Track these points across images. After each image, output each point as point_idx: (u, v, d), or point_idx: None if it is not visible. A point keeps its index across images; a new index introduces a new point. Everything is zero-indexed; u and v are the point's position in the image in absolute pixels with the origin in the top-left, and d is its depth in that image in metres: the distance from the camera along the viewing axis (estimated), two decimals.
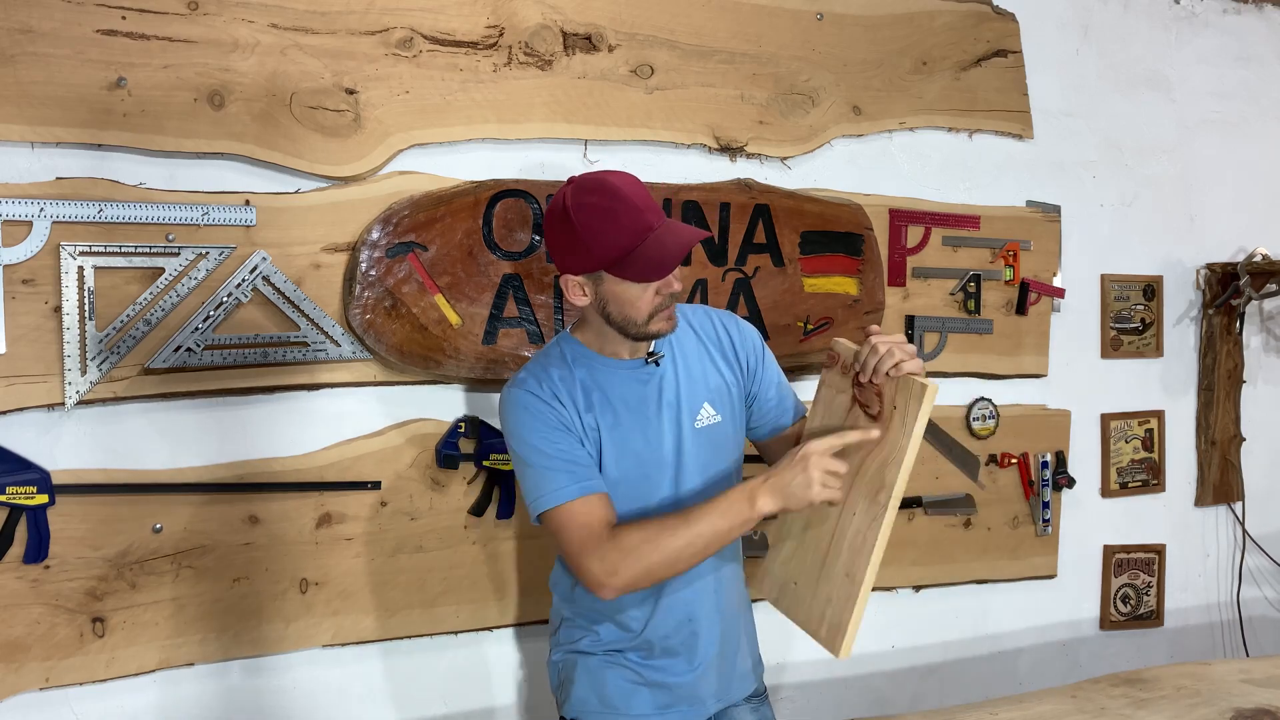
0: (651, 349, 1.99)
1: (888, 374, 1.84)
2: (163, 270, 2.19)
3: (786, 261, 2.72)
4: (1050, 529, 3.19)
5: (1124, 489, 3.37)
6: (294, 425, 2.35)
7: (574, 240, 1.83)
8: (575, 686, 2.05)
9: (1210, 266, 3.45)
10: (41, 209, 2.08)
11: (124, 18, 2.14)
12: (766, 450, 2.17)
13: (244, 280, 2.25)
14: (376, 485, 2.40)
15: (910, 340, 2.95)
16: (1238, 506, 3.57)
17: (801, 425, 2.14)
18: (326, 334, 2.33)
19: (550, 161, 2.55)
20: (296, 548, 2.35)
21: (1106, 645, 3.38)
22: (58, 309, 2.11)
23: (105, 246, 2.13)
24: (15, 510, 2.10)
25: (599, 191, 1.82)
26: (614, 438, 1.94)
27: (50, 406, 2.13)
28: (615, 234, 1.80)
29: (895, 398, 1.83)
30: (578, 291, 1.90)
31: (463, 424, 2.46)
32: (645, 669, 2.03)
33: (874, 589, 2.96)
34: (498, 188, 2.44)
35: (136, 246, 2.16)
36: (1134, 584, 3.40)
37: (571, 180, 1.87)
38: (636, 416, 1.96)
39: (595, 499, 1.87)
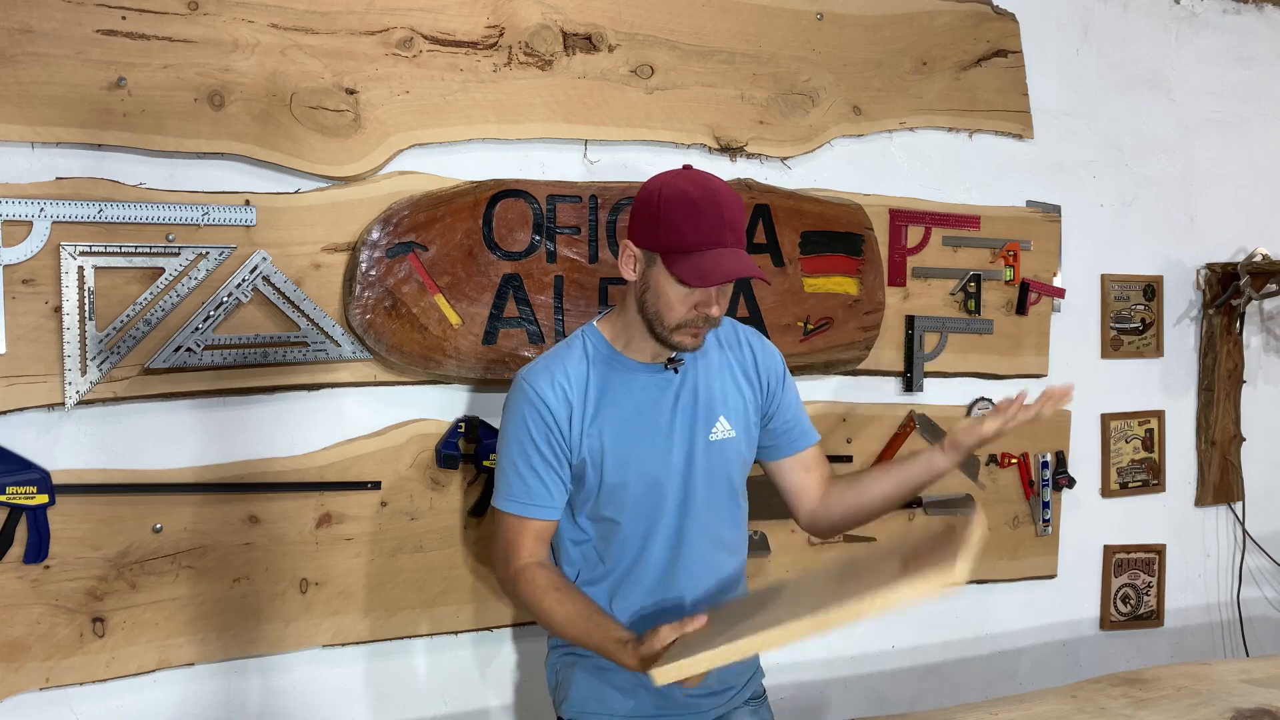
0: (673, 355, 1.99)
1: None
2: (163, 270, 2.19)
3: (787, 261, 2.72)
4: (1050, 529, 3.19)
5: (1124, 489, 3.37)
6: (294, 425, 2.35)
7: (652, 213, 1.87)
8: (573, 688, 2.06)
9: (1210, 266, 3.45)
10: (41, 209, 2.08)
11: (124, 18, 2.14)
12: (773, 472, 2.16)
13: (244, 280, 2.25)
14: (376, 485, 2.40)
15: (910, 340, 2.95)
16: (1238, 506, 3.57)
17: (813, 452, 2.14)
18: (326, 334, 2.33)
19: (550, 161, 2.55)
20: (296, 548, 2.35)
21: (1106, 645, 3.38)
22: (58, 309, 2.11)
23: (105, 246, 2.13)
24: (15, 510, 2.10)
25: (701, 189, 1.86)
26: (618, 443, 1.95)
27: (50, 406, 2.13)
28: (688, 228, 1.84)
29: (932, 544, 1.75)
30: (630, 263, 1.92)
31: (463, 424, 2.46)
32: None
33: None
34: (498, 188, 2.44)
35: (136, 246, 2.16)
36: (1134, 584, 3.40)
37: (688, 167, 1.93)
38: (647, 422, 1.97)
39: (537, 525, 1.95)
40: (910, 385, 2.97)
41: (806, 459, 2.15)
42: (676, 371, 2.00)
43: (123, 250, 2.15)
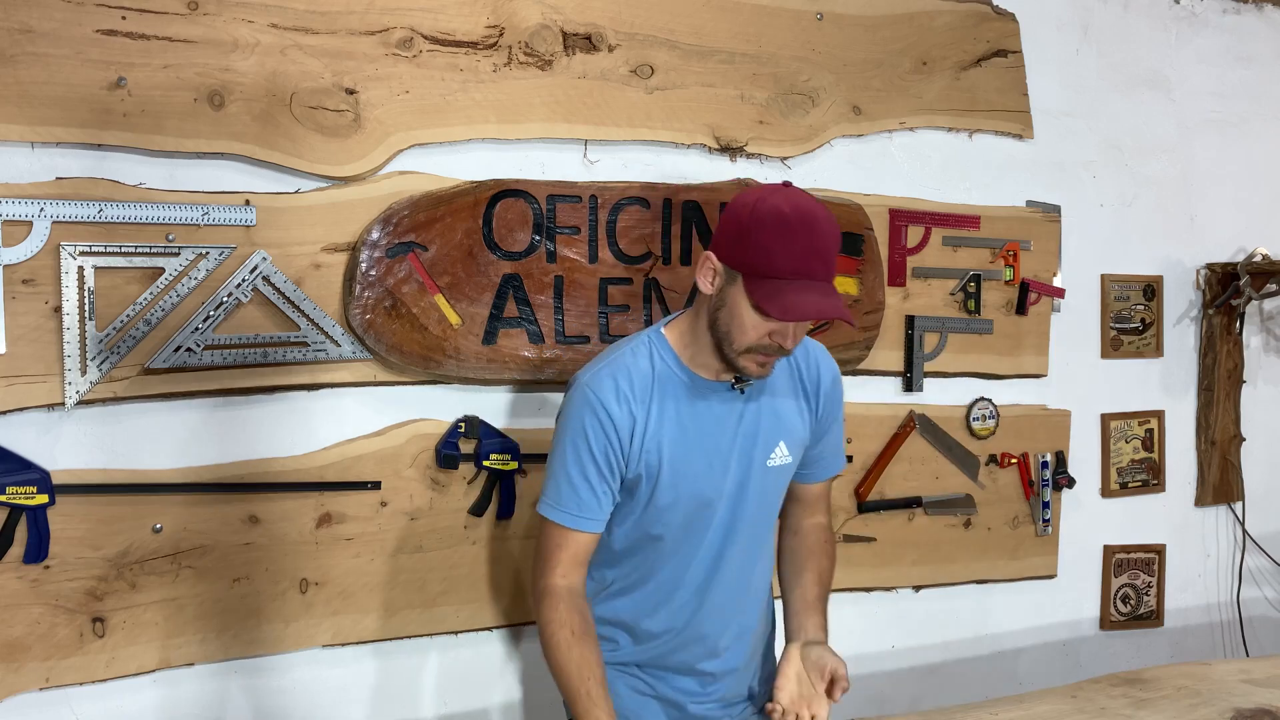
0: (739, 376, 1.90)
1: None
2: (163, 270, 2.19)
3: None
4: (1050, 529, 3.19)
5: (1124, 489, 3.37)
6: (294, 425, 2.35)
7: (742, 228, 1.76)
8: None
9: (1210, 266, 3.45)
10: (41, 209, 2.08)
11: (124, 18, 2.14)
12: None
13: (244, 280, 2.25)
14: (376, 485, 2.40)
15: (910, 340, 2.95)
16: (1238, 506, 3.57)
17: (819, 487, 2.10)
18: (326, 334, 2.33)
19: (550, 161, 2.55)
20: (296, 548, 2.34)
21: (1106, 645, 3.38)
22: (58, 309, 2.11)
23: (105, 246, 2.13)
24: (15, 510, 2.10)
25: (798, 211, 1.75)
26: (676, 461, 1.88)
27: (50, 406, 2.13)
28: (777, 252, 1.73)
29: None
30: (709, 274, 1.82)
31: (462, 424, 2.46)
32: (658, 683, 2.02)
33: (874, 589, 2.99)
34: (498, 188, 2.44)
35: (136, 246, 2.16)
36: (1134, 584, 3.40)
37: (788, 184, 1.83)
38: (707, 442, 1.90)
39: (581, 539, 1.89)
40: (910, 385, 2.97)
41: (811, 490, 2.10)
42: (742, 392, 1.92)
43: (123, 250, 2.15)
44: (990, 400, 3.08)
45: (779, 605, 2.12)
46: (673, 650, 2.01)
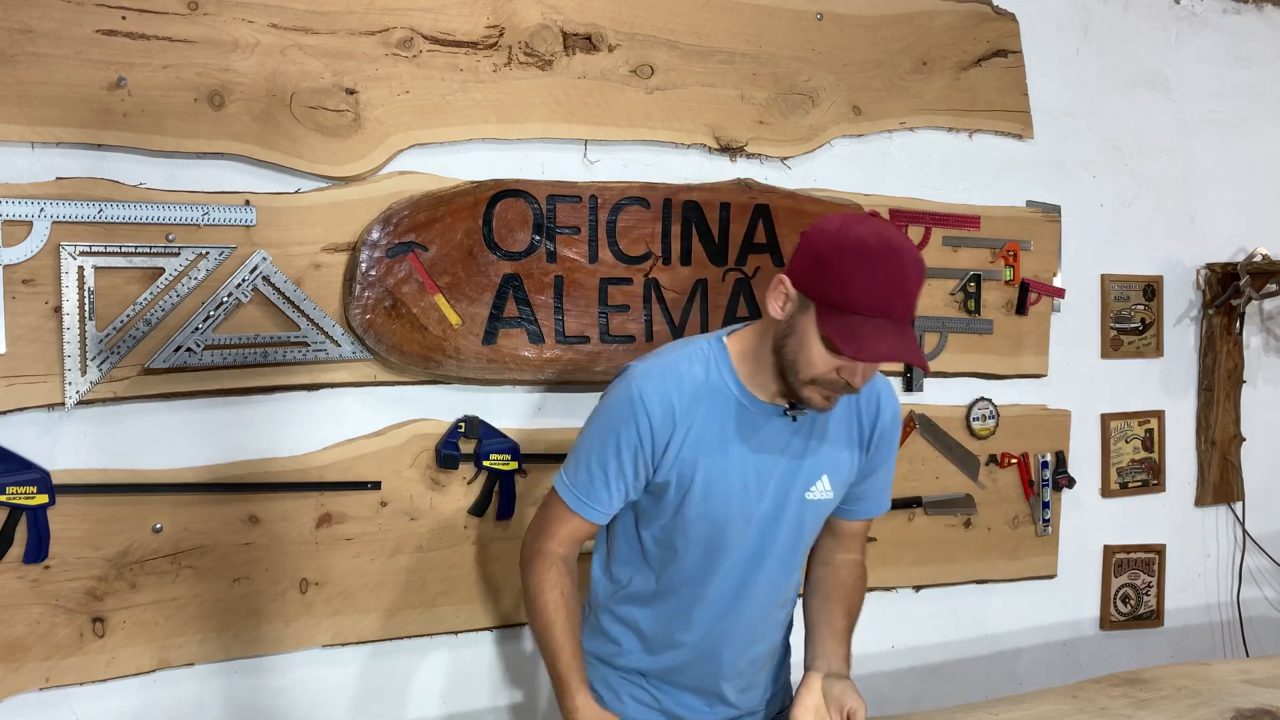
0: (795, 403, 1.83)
1: None
2: (163, 270, 2.19)
3: (786, 261, 2.72)
4: (1050, 529, 3.19)
5: (1124, 489, 3.37)
6: (294, 425, 2.35)
7: (820, 256, 1.68)
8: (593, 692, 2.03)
9: (1210, 266, 3.45)
10: (41, 209, 2.08)
11: (124, 18, 2.14)
12: None
13: (244, 280, 2.25)
14: (376, 485, 2.40)
15: None
16: (1238, 506, 3.57)
17: (862, 525, 2.05)
18: (326, 334, 2.33)
19: (550, 161, 2.55)
20: (296, 548, 2.34)
21: (1106, 645, 3.38)
22: (58, 309, 2.11)
23: (105, 246, 2.13)
24: (15, 510, 2.10)
25: (883, 245, 1.65)
26: (709, 477, 1.82)
27: (50, 406, 2.13)
28: (855, 286, 1.64)
29: None
30: (780, 298, 1.74)
31: (462, 424, 2.46)
32: (664, 697, 2.00)
33: (874, 589, 2.99)
34: (498, 188, 2.44)
35: (136, 246, 2.16)
36: (1134, 584, 3.40)
37: (875, 214, 1.74)
38: (747, 463, 1.83)
39: (583, 524, 1.90)
40: (910, 385, 2.97)
41: (849, 526, 2.03)
42: (795, 420, 1.85)
43: (123, 250, 2.15)
44: (990, 400, 3.08)
45: (797, 616, 2.09)
46: (684, 667, 1.97)
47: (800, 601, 2.07)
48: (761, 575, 1.91)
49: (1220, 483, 3.51)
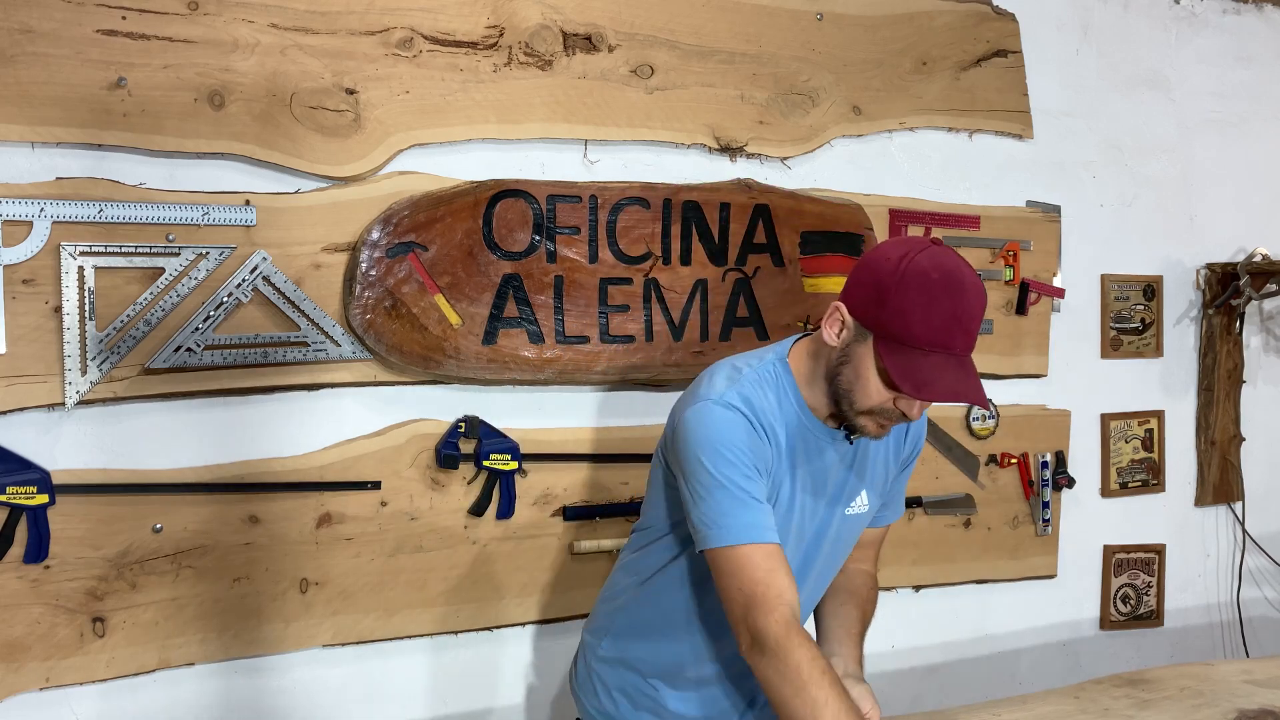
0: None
1: None
2: (163, 270, 2.19)
3: (787, 261, 2.72)
4: (1050, 529, 3.19)
5: (1124, 489, 3.37)
6: (294, 425, 2.35)
7: (880, 287, 1.63)
8: (605, 696, 2.01)
9: (1210, 266, 3.45)
10: (41, 209, 2.07)
11: (124, 18, 2.14)
12: None
13: (244, 280, 2.24)
14: (376, 485, 2.40)
15: None
16: (1238, 506, 3.57)
17: (880, 532, 2.04)
18: (326, 334, 2.33)
19: (550, 161, 2.55)
20: (296, 548, 2.34)
21: (1106, 645, 3.38)
22: (58, 309, 2.11)
23: (105, 246, 2.13)
24: (15, 510, 2.10)
25: (945, 277, 1.61)
26: (781, 504, 1.78)
27: (50, 406, 2.13)
28: (918, 319, 1.60)
29: None
30: (837, 326, 1.70)
31: (462, 424, 2.46)
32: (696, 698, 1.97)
33: None
34: (498, 188, 2.44)
35: (137, 246, 2.16)
36: (1134, 584, 3.40)
37: (939, 243, 1.68)
38: (807, 486, 1.81)
39: (779, 550, 1.67)
40: None
41: (867, 534, 2.01)
42: (851, 444, 1.84)
43: (123, 250, 2.15)
44: (990, 400, 3.08)
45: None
46: (719, 695, 1.94)
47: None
48: (803, 594, 1.87)
49: (1220, 483, 3.51)
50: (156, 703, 2.27)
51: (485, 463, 2.47)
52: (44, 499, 2.10)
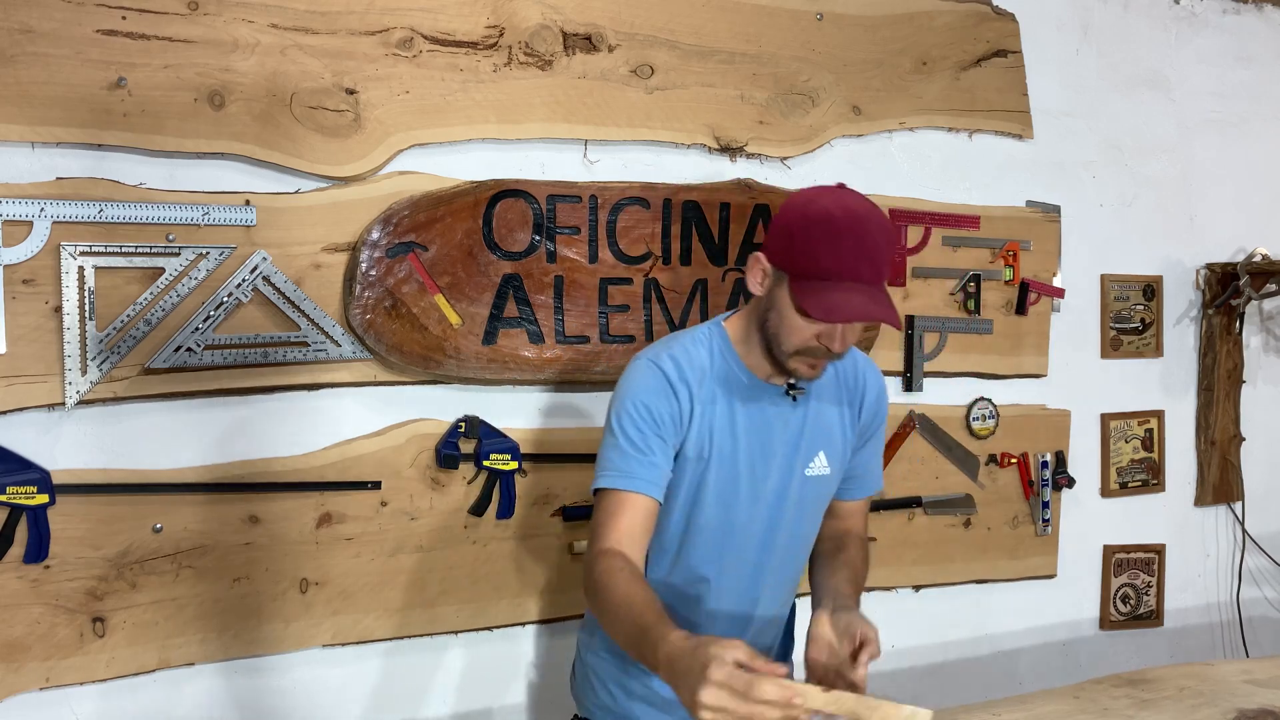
0: (794, 382, 1.89)
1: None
2: (163, 270, 2.19)
3: None
4: (1050, 529, 3.19)
5: (1124, 489, 3.37)
6: (294, 425, 2.35)
7: (790, 230, 1.75)
8: (601, 690, 2.03)
9: (1210, 266, 3.45)
10: (42, 209, 2.07)
11: (124, 18, 2.14)
12: None
13: (244, 280, 2.24)
14: (376, 485, 2.40)
15: (911, 341, 2.95)
16: (1237, 506, 3.57)
17: (860, 505, 2.06)
18: (326, 334, 2.33)
19: (550, 161, 2.55)
20: (296, 548, 2.34)
21: (1106, 645, 3.38)
22: (58, 309, 2.11)
23: (105, 246, 2.13)
24: (15, 510, 2.10)
25: (847, 213, 1.72)
26: (724, 458, 1.86)
27: (50, 406, 2.13)
28: (824, 255, 1.70)
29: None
30: (758, 276, 1.81)
31: (462, 424, 2.46)
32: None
33: (874, 589, 2.99)
34: (498, 188, 2.44)
35: (137, 246, 2.16)
36: (1134, 584, 3.40)
37: (843, 186, 1.80)
38: (754, 442, 1.88)
39: (638, 505, 1.78)
40: (910, 385, 2.97)
41: (848, 507, 2.07)
42: (795, 400, 1.90)
43: (123, 250, 2.15)
44: (990, 400, 3.08)
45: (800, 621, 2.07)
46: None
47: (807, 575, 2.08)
48: (773, 557, 1.94)
49: (1220, 483, 3.51)
50: (156, 703, 2.27)
51: (485, 463, 2.47)
52: (44, 499, 2.10)
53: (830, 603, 1.89)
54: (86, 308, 2.12)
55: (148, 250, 2.17)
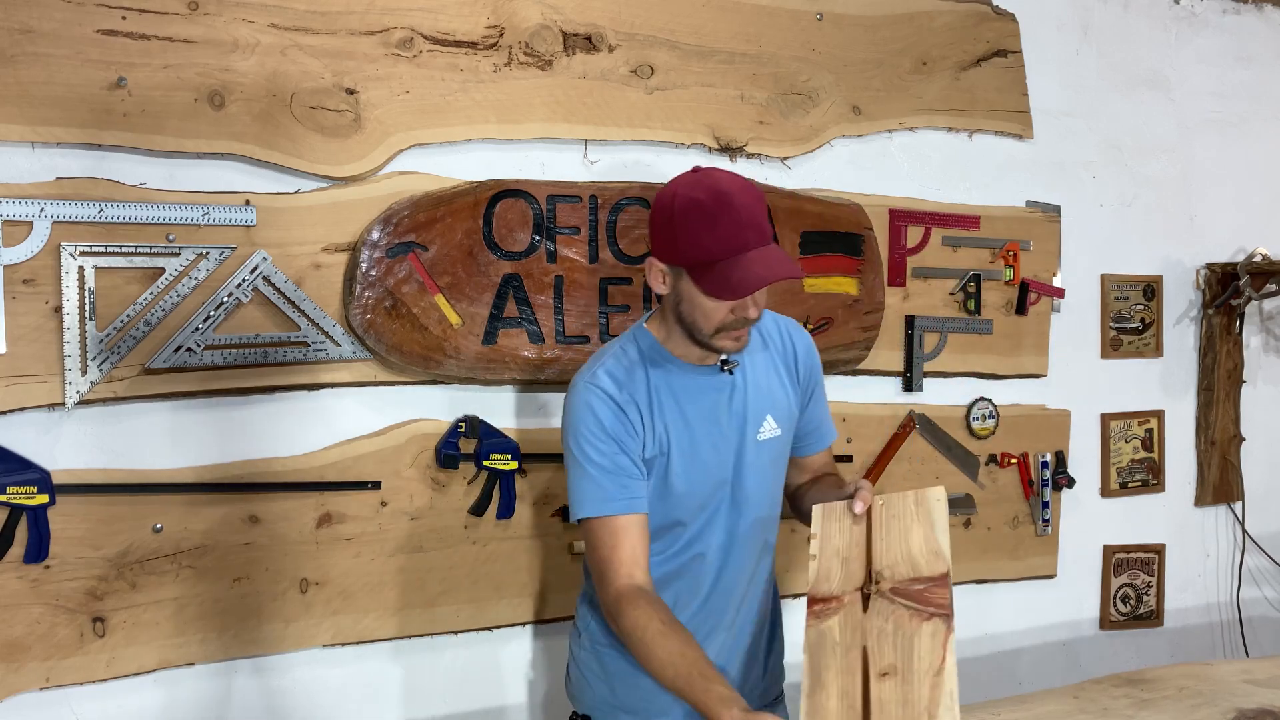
0: (725, 357, 1.94)
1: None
2: (163, 270, 2.19)
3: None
4: (1050, 529, 3.19)
5: (1124, 489, 3.37)
6: (294, 425, 2.35)
7: (670, 230, 1.79)
8: (597, 685, 2.04)
9: (1210, 266, 3.45)
10: (42, 209, 2.07)
11: (124, 18, 2.14)
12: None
13: (244, 280, 2.24)
14: (376, 485, 2.40)
15: (910, 340, 2.95)
16: (1237, 506, 3.57)
17: (824, 456, 2.11)
18: (326, 334, 2.33)
19: (550, 161, 2.55)
20: (296, 548, 2.34)
21: (1106, 645, 3.38)
22: (58, 309, 2.11)
23: (105, 246, 2.13)
24: (15, 510, 2.10)
25: (710, 192, 1.77)
26: (684, 448, 1.91)
27: (50, 406, 2.13)
28: (708, 241, 1.76)
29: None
30: (659, 279, 1.86)
31: (463, 424, 2.46)
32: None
33: None
34: (498, 188, 2.44)
35: (137, 246, 2.16)
36: (1134, 584, 3.40)
37: (696, 170, 1.85)
38: (707, 425, 1.93)
39: (627, 523, 1.84)
40: (910, 385, 2.97)
41: (813, 460, 2.12)
42: (730, 373, 1.95)
43: (123, 250, 2.15)
44: (990, 400, 3.08)
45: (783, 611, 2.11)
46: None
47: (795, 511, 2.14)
48: (744, 523, 1.98)
49: (1220, 483, 3.51)
50: (156, 703, 2.27)
51: (485, 463, 2.47)
52: (44, 499, 2.10)
53: (820, 496, 1.98)
54: (86, 308, 2.12)
55: (148, 250, 2.17)
